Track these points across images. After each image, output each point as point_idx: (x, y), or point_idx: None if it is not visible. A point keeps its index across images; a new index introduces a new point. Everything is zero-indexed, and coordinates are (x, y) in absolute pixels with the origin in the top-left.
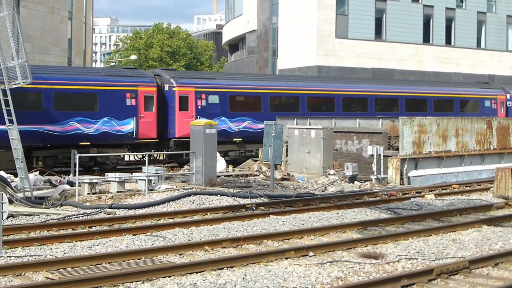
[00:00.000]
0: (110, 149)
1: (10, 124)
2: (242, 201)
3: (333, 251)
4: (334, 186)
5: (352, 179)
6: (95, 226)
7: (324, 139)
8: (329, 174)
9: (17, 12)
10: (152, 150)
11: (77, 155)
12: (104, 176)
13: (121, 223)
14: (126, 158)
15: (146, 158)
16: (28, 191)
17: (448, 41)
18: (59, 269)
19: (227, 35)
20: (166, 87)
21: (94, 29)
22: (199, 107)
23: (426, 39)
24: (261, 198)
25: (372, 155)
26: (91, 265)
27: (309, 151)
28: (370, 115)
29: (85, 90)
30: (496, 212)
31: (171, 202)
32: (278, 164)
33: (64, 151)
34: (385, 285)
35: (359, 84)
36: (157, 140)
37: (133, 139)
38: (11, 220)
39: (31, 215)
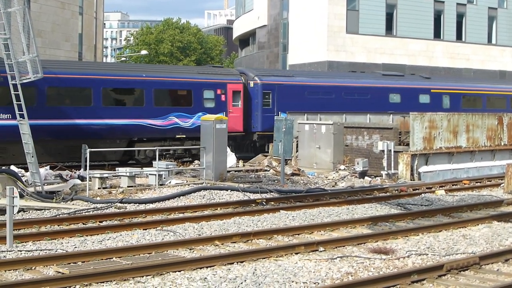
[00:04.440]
0: None
1: (21, 118)
2: (252, 196)
3: (343, 246)
4: (344, 181)
5: (362, 174)
6: (106, 221)
7: (335, 134)
8: (340, 169)
9: (28, 7)
10: None
11: (88, 150)
12: (115, 170)
13: (132, 218)
14: None
15: (157, 153)
16: (39, 186)
17: (459, 37)
18: (69, 263)
19: (238, 30)
20: None
21: (104, 24)
22: None
23: (437, 35)
24: (271, 193)
25: (383, 151)
26: (102, 259)
27: (319, 147)
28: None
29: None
30: (506, 208)
31: (181, 197)
32: (289, 159)
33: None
34: (395, 281)
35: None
36: None
37: None
38: (22, 215)
39: (41, 209)
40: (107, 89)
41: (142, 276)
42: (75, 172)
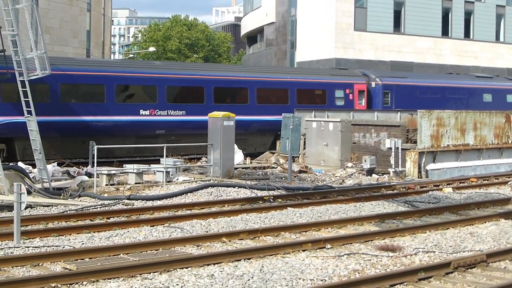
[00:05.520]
0: None
1: (29, 115)
2: (260, 193)
3: (351, 243)
4: (351, 178)
5: (370, 172)
6: (113, 217)
7: (342, 131)
8: (347, 167)
9: (36, 3)
10: None
11: (96, 146)
12: (122, 167)
13: (139, 214)
14: None
15: (164, 150)
16: (47, 182)
17: (467, 35)
18: (76, 260)
19: (246, 27)
20: None
21: (112, 20)
22: None
23: (445, 32)
24: (279, 190)
25: (390, 148)
26: (109, 256)
27: (327, 144)
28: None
29: None
30: None
31: (188, 194)
32: (296, 157)
33: None
34: (402, 278)
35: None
36: None
37: None
38: (29, 211)
39: (49, 206)
40: (261, 89)
41: (150, 273)
42: (82, 169)
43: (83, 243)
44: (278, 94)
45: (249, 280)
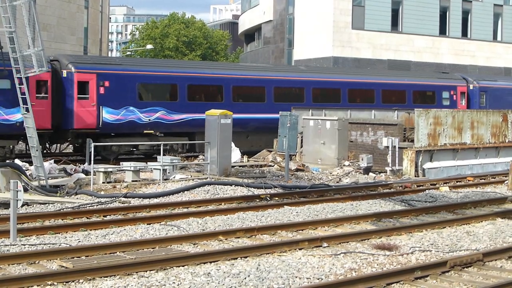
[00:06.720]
0: None
1: (26, 112)
2: (257, 192)
3: (347, 242)
4: (348, 177)
5: (367, 170)
6: (110, 215)
7: (339, 130)
8: (344, 165)
9: (33, 0)
10: None
11: (92, 144)
12: (119, 165)
13: (136, 212)
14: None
15: (161, 148)
16: (43, 180)
17: (464, 34)
18: (73, 258)
19: (243, 25)
20: None
21: (110, 18)
22: None
23: (443, 31)
24: (276, 188)
25: (387, 147)
26: (105, 253)
27: (324, 142)
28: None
29: None
30: (510, 205)
31: (185, 192)
32: (293, 155)
33: None
34: (398, 277)
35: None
36: None
37: None
38: (26, 209)
39: (45, 203)
40: (385, 90)
41: (146, 271)
42: (79, 166)
43: (79, 241)
44: (397, 95)
45: (245, 278)
